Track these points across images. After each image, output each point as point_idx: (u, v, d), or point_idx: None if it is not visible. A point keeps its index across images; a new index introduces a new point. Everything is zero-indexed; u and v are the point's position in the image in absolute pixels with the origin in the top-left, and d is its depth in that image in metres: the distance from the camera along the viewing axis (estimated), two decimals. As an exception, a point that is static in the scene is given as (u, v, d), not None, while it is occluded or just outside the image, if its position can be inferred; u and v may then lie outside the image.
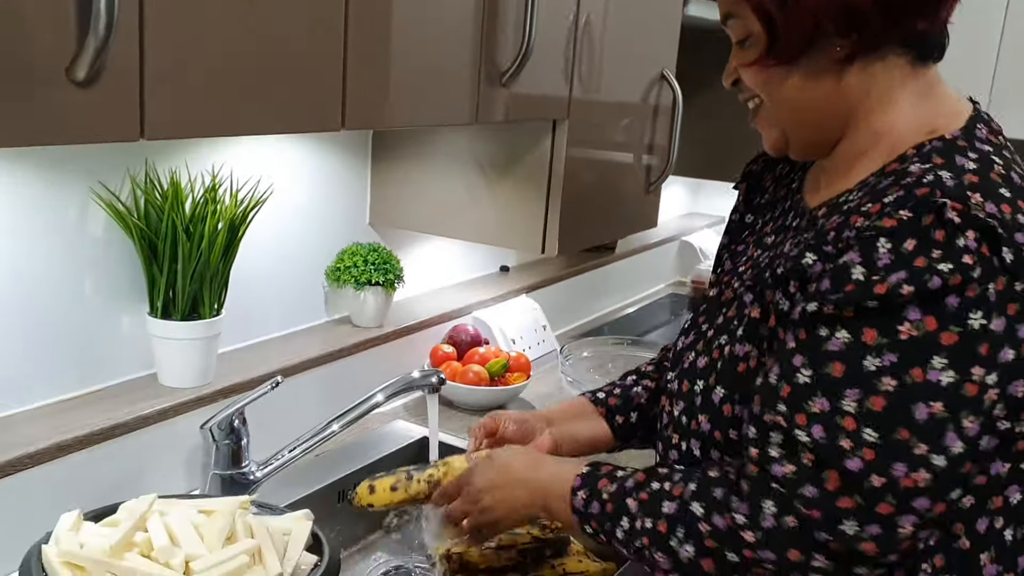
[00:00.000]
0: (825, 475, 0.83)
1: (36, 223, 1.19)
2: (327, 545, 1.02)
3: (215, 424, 1.25)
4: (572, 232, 1.61)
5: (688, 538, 0.91)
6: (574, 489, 1.02)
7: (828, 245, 0.87)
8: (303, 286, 1.66)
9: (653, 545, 0.94)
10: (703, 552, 0.90)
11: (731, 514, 0.89)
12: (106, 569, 0.91)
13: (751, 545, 0.87)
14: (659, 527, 0.94)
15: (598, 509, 0.99)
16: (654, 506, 0.95)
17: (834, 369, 0.84)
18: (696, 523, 0.91)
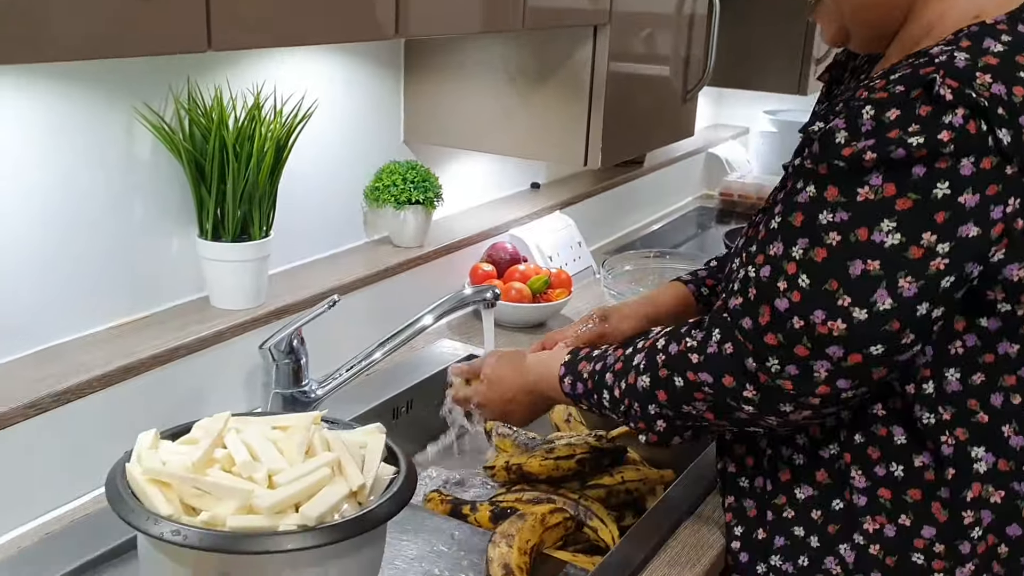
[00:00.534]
0: (761, 309, 0.91)
1: (81, 145, 1.17)
2: (402, 456, 1.03)
3: (274, 344, 1.25)
4: (613, 143, 1.59)
5: (647, 368, 1.01)
6: (560, 377, 1.13)
7: (832, 115, 0.90)
8: (342, 207, 1.64)
9: (629, 396, 1.03)
10: (656, 381, 1.00)
11: (685, 339, 0.98)
12: (191, 484, 0.91)
13: (694, 366, 0.96)
14: (629, 379, 1.03)
15: (582, 389, 1.10)
16: (626, 367, 1.04)
17: (795, 218, 0.90)
18: (656, 354, 1.01)
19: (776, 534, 1.03)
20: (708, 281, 1.34)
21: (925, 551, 0.96)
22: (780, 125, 2.98)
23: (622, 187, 2.42)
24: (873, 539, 0.97)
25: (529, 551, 1.10)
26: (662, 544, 1.11)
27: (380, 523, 0.93)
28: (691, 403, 0.98)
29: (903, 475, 0.96)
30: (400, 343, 1.32)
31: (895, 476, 0.96)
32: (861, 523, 0.98)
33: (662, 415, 1.02)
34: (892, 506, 0.97)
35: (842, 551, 0.99)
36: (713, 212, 2.76)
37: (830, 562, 0.99)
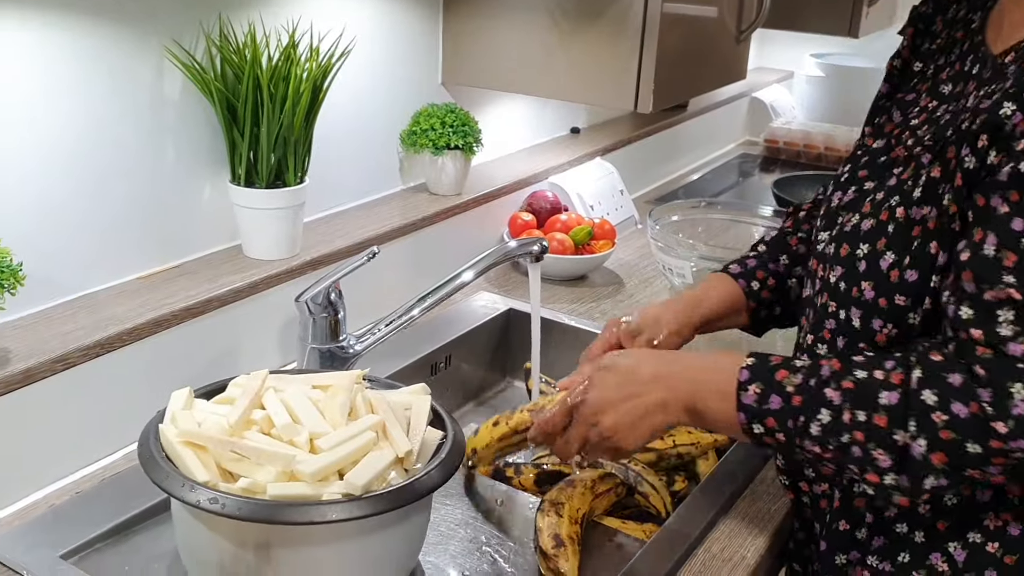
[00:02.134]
0: None
1: (111, 87, 1.11)
2: (449, 420, 0.97)
3: (311, 297, 1.19)
4: (665, 85, 1.50)
5: (921, 431, 0.79)
6: (741, 383, 0.87)
7: None
8: (377, 152, 1.57)
9: (870, 441, 0.81)
10: (937, 445, 0.79)
11: (977, 402, 0.78)
12: (229, 448, 0.86)
13: (1001, 436, 0.77)
14: (875, 420, 0.81)
15: (779, 404, 0.85)
16: (866, 396, 0.82)
17: None
18: (929, 413, 0.79)
19: (876, 534, 0.94)
20: (759, 273, 1.16)
21: None
22: (828, 69, 2.85)
23: (664, 133, 2.32)
24: (993, 537, 0.88)
25: (579, 520, 1.04)
26: (721, 514, 1.05)
27: (428, 492, 0.88)
28: (983, 468, 0.80)
29: None
30: (441, 298, 1.25)
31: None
32: (981, 519, 0.89)
33: (936, 486, 0.81)
34: (1021, 503, 0.87)
35: (951, 549, 0.90)
36: (757, 160, 2.66)
37: (935, 558, 0.90)
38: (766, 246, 1.20)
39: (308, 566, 0.87)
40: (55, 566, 0.93)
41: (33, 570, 0.91)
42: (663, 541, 1.00)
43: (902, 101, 1.02)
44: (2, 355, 1.01)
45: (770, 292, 1.16)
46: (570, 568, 0.96)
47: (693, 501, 1.07)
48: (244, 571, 0.87)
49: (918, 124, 0.95)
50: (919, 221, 0.87)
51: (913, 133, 0.95)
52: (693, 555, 0.99)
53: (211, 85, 1.17)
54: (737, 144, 2.80)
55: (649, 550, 0.98)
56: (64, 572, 0.92)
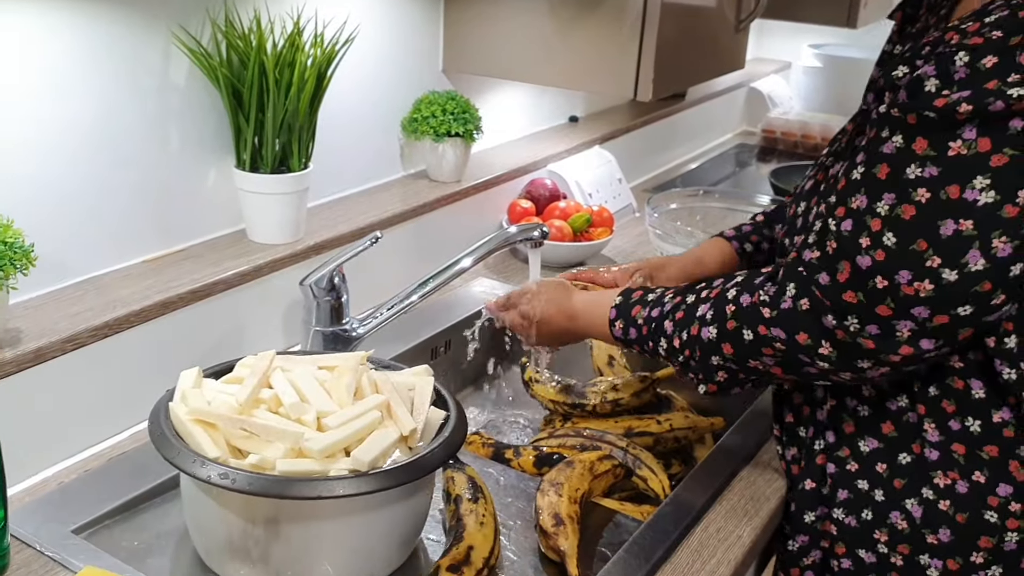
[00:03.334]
0: (840, 265, 0.86)
1: (118, 71, 1.12)
2: (451, 400, 0.99)
3: (315, 281, 1.21)
4: (665, 73, 1.52)
5: (714, 319, 0.96)
6: (610, 320, 1.09)
7: (920, 59, 0.84)
8: (378, 139, 1.58)
9: (690, 347, 0.99)
10: (724, 334, 0.95)
11: (758, 292, 0.93)
12: (238, 426, 0.88)
13: (766, 321, 0.91)
14: (691, 330, 0.99)
15: (635, 334, 1.06)
16: (688, 317, 1.00)
17: (880, 170, 0.85)
18: (724, 305, 0.96)
19: (839, 487, 1.00)
20: (753, 237, 1.30)
21: (999, 509, 0.92)
22: (825, 60, 2.87)
23: (662, 122, 2.34)
24: (944, 494, 0.94)
25: (579, 500, 1.07)
26: (718, 495, 1.08)
27: (433, 469, 0.90)
28: (759, 358, 0.94)
29: (980, 430, 0.92)
30: (441, 283, 1.27)
31: (971, 431, 0.92)
32: (932, 478, 0.94)
33: (724, 367, 0.98)
34: (966, 462, 0.93)
35: (908, 506, 0.96)
36: (754, 149, 2.68)
37: (895, 517, 0.97)
38: (764, 215, 1.30)
39: (315, 541, 0.89)
40: (66, 540, 0.95)
41: (46, 544, 0.93)
42: (661, 521, 1.02)
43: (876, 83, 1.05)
44: (13, 335, 1.02)
45: (764, 256, 1.27)
46: (569, 546, 0.98)
47: (690, 483, 1.09)
48: (253, 546, 0.89)
49: None
50: (835, 175, 0.96)
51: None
52: (690, 534, 1.01)
53: (217, 71, 1.18)
54: (735, 134, 2.82)
55: (647, 529, 1.01)
56: (76, 546, 0.94)
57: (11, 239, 0.96)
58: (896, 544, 0.97)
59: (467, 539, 0.95)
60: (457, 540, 0.95)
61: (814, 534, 1.04)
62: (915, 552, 0.96)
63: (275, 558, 0.89)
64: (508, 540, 1.03)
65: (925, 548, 0.95)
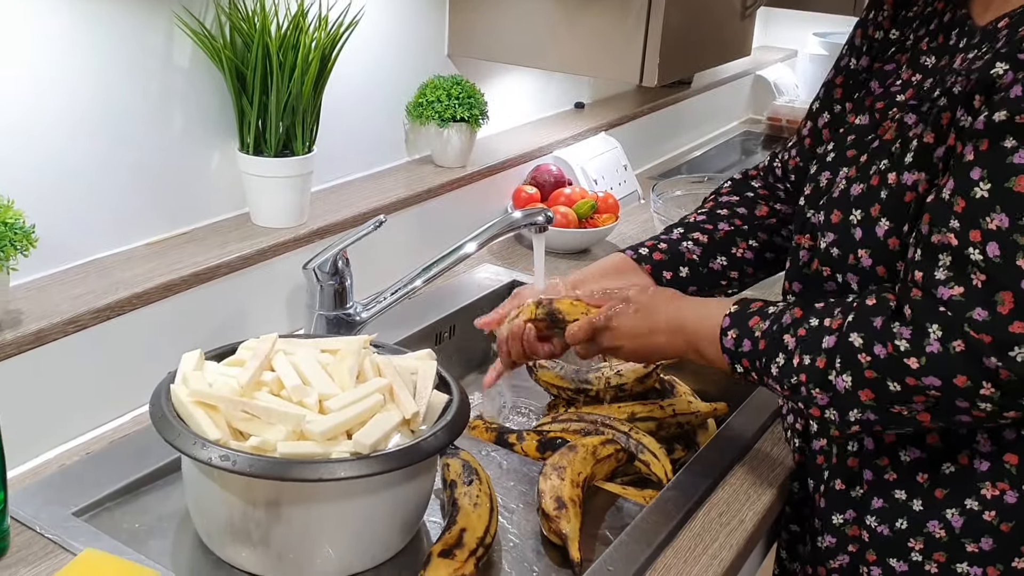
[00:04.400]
0: (998, 297, 0.78)
1: (121, 54, 1.12)
2: (454, 384, 0.99)
3: (319, 265, 1.21)
4: (671, 59, 1.51)
5: (845, 369, 0.86)
6: (723, 329, 0.98)
7: (1022, 53, 0.78)
8: (383, 124, 1.58)
9: (811, 382, 0.89)
10: (862, 383, 0.85)
11: (892, 341, 0.84)
12: (240, 408, 0.88)
13: (914, 372, 0.82)
14: (818, 363, 0.89)
15: (750, 347, 0.95)
16: (813, 342, 0.89)
17: (1018, 183, 0.78)
18: (855, 354, 0.86)
19: (874, 495, 0.97)
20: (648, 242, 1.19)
21: None
22: (831, 48, 2.85)
23: (668, 109, 2.33)
24: (990, 505, 0.91)
25: (581, 483, 1.06)
26: (720, 479, 1.07)
27: (435, 453, 0.90)
28: (907, 404, 0.85)
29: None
30: (445, 268, 1.27)
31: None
32: (979, 488, 0.91)
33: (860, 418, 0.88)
34: (1017, 472, 0.90)
35: (949, 515, 0.92)
36: (759, 137, 2.67)
37: (933, 526, 0.93)
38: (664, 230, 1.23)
39: (316, 523, 0.89)
40: (67, 523, 0.94)
41: (46, 526, 0.93)
42: (663, 505, 1.02)
43: (880, 71, 1.03)
44: (15, 316, 1.02)
45: (663, 254, 1.18)
46: (571, 529, 0.98)
47: (693, 467, 1.09)
48: (254, 528, 0.89)
49: (904, 100, 0.96)
50: (911, 187, 0.89)
51: (901, 107, 0.95)
52: (692, 518, 1.01)
53: (221, 53, 1.18)
54: (740, 122, 2.80)
55: (649, 513, 1.00)
56: (76, 528, 0.94)
57: (11, 220, 0.96)
58: (932, 552, 0.94)
59: (460, 522, 0.95)
60: (450, 524, 0.95)
61: (842, 537, 1.01)
62: (952, 560, 0.93)
63: (276, 540, 0.89)
64: (510, 523, 1.03)
65: (964, 557, 0.92)
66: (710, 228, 1.19)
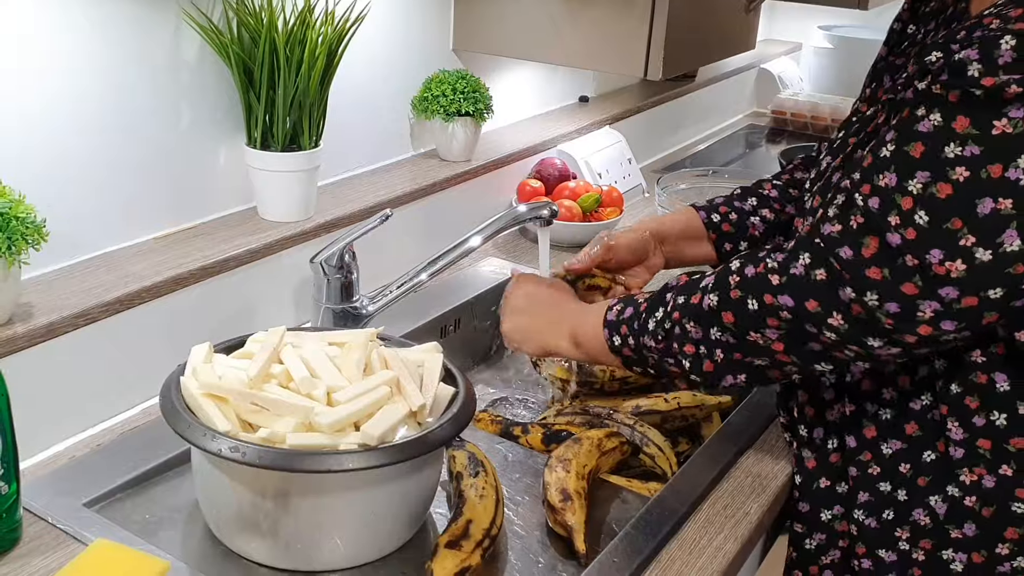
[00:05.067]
0: (866, 240, 0.84)
1: (130, 49, 1.13)
2: (460, 377, 1.00)
3: (325, 258, 1.22)
4: (675, 53, 1.51)
5: (715, 287, 0.94)
6: (609, 307, 1.04)
7: (955, 43, 0.81)
8: (388, 118, 1.58)
9: (684, 316, 0.96)
10: (726, 302, 0.93)
11: (764, 261, 0.92)
12: (249, 400, 0.89)
13: (774, 288, 0.89)
14: (692, 299, 0.96)
15: (631, 312, 1.02)
16: (692, 287, 0.97)
17: (914, 148, 0.83)
18: (728, 275, 0.94)
19: (860, 490, 0.99)
20: (722, 208, 1.26)
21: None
22: (836, 41, 2.85)
23: (672, 103, 2.33)
24: (970, 491, 0.92)
25: (586, 476, 1.07)
26: (725, 472, 1.08)
27: (441, 444, 0.91)
28: (761, 329, 0.91)
29: (1006, 423, 0.91)
30: (451, 262, 1.27)
31: (997, 425, 0.91)
32: (957, 475, 0.93)
33: (722, 342, 0.94)
34: (993, 456, 0.92)
35: (932, 503, 0.94)
36: (764, 131, 2.67)
37: (918, 514, 0.95)
38: (740, 190, 1.28)
39: (324, 514, 0.90)
40: (79, 513, 0.96)
41: (58, 517, 0.94)
42: (668, 497, 1.03)
43: (892, 65, 1.04)
44: (26, 309, 1.03)
45: (731, 226, 1.24)
46: (577, 521, 0.99)
47: (697, 460, 1.10)
48: (263, 519, 0.90)
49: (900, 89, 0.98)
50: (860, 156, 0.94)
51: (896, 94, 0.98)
52: (697, 511, 1.02)
53: (228, 48, 1.19)
54: (744, 115, 2.80)
55: (654, 505, 1.01)
56: (88, 519, 0.95)
57: (23, 214, 0.96)
58: (918, 540, 0.96)
59: (466, 513, 0.96)
60: (456, 516, 0.96)
61: (831, 533, 1.03)
62: (938, 548, 0.95)
63: (285, 531, 0.90)
64: (516, 515, 1.03)
65: (949, 543, 0.94)
66: (778, 208, 1.25)
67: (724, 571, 0.94)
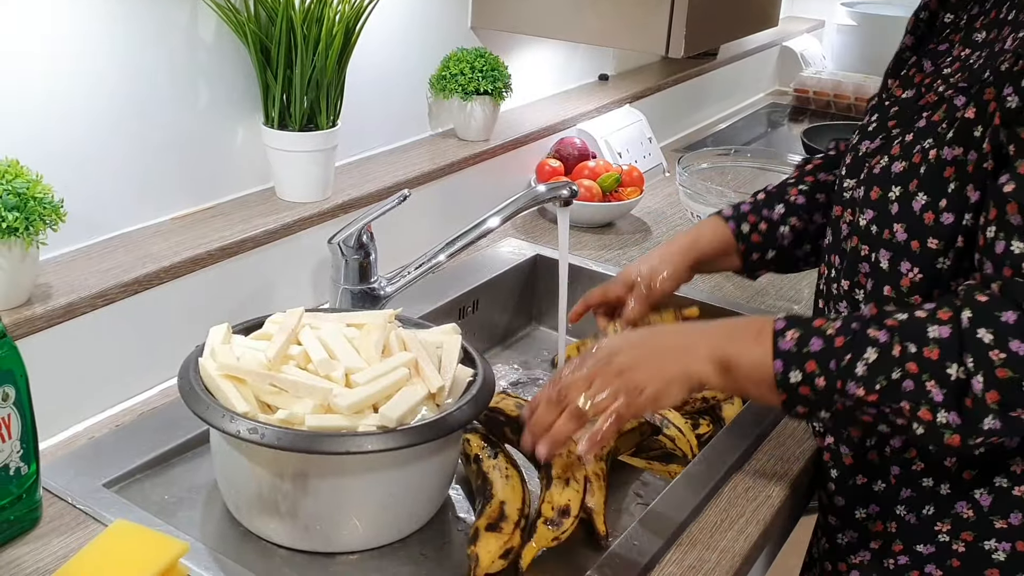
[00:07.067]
0: None
1: (146, 28, 1.12)
2: (479, 358, 0.99)
3: (343, 239, 1.21)
4: (697, 30, 1.49)
5: (978, 368, 0.78)
6: (778, 331, 0.84)
7: None
8: (406, 97, 1.57)
9: (923, 372, 0.79)
10: (992, 384, 0.77)
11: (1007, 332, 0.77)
12: (267, 381, 0.89)
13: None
14: (926, 353, 0.79)
15: (820, 345, 0.82)
16: (914, 330, 0.80)
17: None
18: (987, 351, 0.78)
19: (903, 487, 0.96)
20: (751, 217, 1.17)
21: None
22: (860, 18, 2.81)
23: (693, 81, 2.30)
24: (1019, 480, 0.90)
25: (605, 458, 1.06)
26: (747, 455, 1.07)
27: (460, 426, 0.90)
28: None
29: None
30: (469, 242, 1.26)
31: None
32: (1008, 466, 0.90)
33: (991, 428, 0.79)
34: None
35: (977, 495, 0.91)
36: (786, 109, 2.63)
37: (961, 507, 0.92)
38: (764, 195, 1.20)
39: (343, 496, 0.89)
40: (98, 494, 0.96)
41: (78, 497, 0.94)
42: (689, 479, 1.02)
43: (934, 52, 1.01)
44: (44, 290, 1.03)
45: (760, 236, 1.17)
46: (596, 503, 0.98)
47: (719, 443, 1.09)
48: (281, 500, 0.90)
49: (951, 72, 0.94)
50: (951, 162, 0.87)
51: (945, 80, 0.94)
52: (719, 493, 1.01)
53: (245, 26, 1.18)
54: (766, 93, 2.77)
55: (675, 487, 1.00)
56: (107, 500, 0.95)
57: (40, 195, 0.96)
58: (959, 532, 0.93)
59: (497, 495, 0.95)
60: (487, 499, 0.96)
61: (864, 533, 1.00)
62: (980, 538, 0.92)
63: (304, 512, 0.89)
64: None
65: (992, 534, 0.92)
66: (806, 217, 1.16)
67: (746, 554, 0.93)
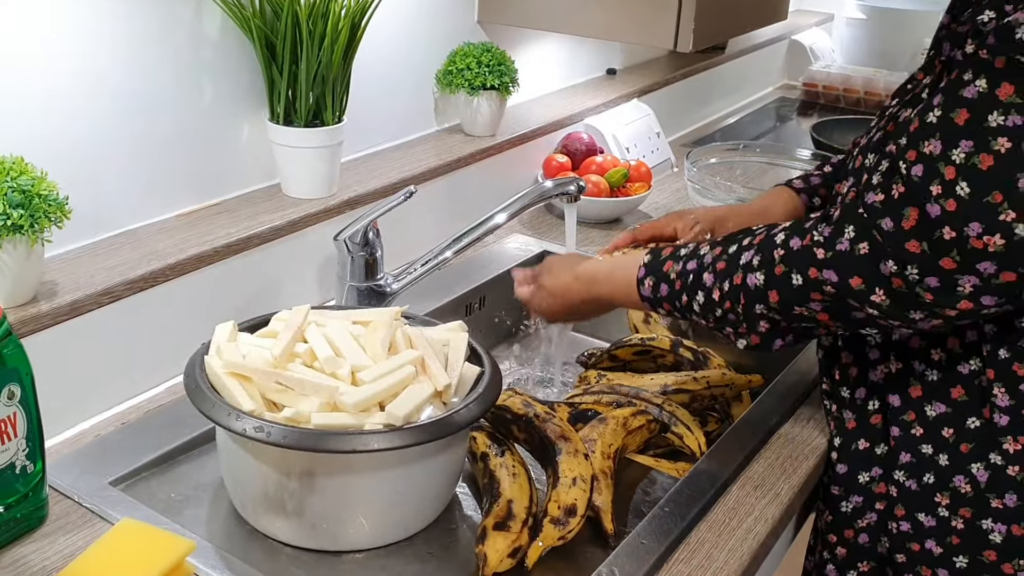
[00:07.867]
0: (906, 211, 0.82)
1: (150, 24, 1.11)
2: (486, 356, 0.98)
3: (349, 235, 1.20)
4: (706, 24, 1.48)
5: (761, 265, 0.91)
6: (638, 280, 1.02)
7: (1009, 3, 0.79)
8: (412, 92, 1.56)
9: (732, 297, 0.94)
10: (771, 280, 0.90)
11: (810, 234, 0.89)
12: (273, 379, 0.88)
13: (819, 263, 0.87)
14: (736, 278, 0.93)
15: (667, 291, 1.00)
16: (731, 266, 0.94)
17: (959, 115, 0.80)
18: (772, 249, 0.91)
19: (901, 450, 0.97)
20: (822, 191, 1.21)
21: None
22: (869, 12, 2.79)
23: (701, 75, 2.29)
24: (1013, 460, 0.91)
25: (612, 455, 1.06)
26: (755, 453, 1.06)
27: (467, 425, 0.90)
28: (806, 304, 0.89)
29: None
30: (476, 239, 1.26)
31: None
32: (1001, 443, 0.91)
33: (767, 316, 0.93)
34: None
35: (974, 470, 0.93)
36: (795, 103, 2.62)
37: (959, 480, 0.94)
38: (832, 167, 1.22)
39: (349, 494, 0.89)
40: (104, 492, 0.95)
41: (84, 495, 0.94)
42: (697, 477, 1.01)
43: (955, 33, 1.00)
44: (49, 288, 1.03)
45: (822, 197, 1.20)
46: (604, 501, 0.98)
47: (727, 441, 1.08)
48: (288, 498, 0.89)
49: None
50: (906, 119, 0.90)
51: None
52: (727, 491, 1.00)
53: (250, 22, 1.17)
54: (775, 88, 2.75)
55: (683, 486, 0.99)
56: (113, 498, 0.95)
57: (45, 192, 0.96)
58: (958, 508, 0.94)
59: (504, 493, 0.95)
60: (495, 497, 0.95)
61: (868, 496, 1.02)
62: (977, 516, 0.93)
63: (310, 511, 0.89)
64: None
65: (988, 513, 0.93)
66: None
67: (755, 553, 0.93)
